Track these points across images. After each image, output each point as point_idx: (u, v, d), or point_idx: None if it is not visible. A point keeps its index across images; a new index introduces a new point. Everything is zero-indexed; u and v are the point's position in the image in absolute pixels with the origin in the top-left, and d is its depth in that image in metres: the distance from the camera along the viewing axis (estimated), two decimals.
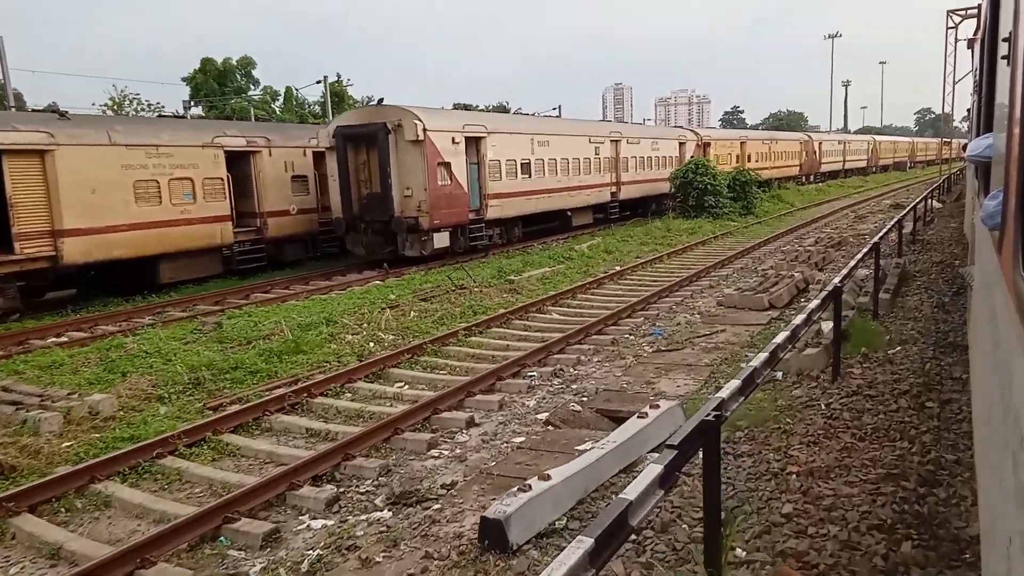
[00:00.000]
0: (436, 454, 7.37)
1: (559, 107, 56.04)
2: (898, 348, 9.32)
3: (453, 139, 19.87)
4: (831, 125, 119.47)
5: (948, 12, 36.17)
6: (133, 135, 16.85)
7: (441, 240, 19.75)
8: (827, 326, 10.42)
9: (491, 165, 21.71)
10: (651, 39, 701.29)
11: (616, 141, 29.63)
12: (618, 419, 8.03)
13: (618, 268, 19.13)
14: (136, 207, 16.70)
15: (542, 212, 25.09)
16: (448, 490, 6.33)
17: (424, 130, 18.74)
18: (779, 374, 8.55)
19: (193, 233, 17.96)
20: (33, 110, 20.64)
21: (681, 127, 38.50)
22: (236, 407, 8.75)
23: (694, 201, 31.08)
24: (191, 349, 11.24)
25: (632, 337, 12.03)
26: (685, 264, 19.99)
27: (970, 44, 20.05)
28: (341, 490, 6.60)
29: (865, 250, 10.80)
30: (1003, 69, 3.02)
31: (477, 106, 73.87)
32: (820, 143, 58.56)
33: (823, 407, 7.06)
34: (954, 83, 37.62)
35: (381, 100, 19.69)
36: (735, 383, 4.71)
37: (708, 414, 3.73)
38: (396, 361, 10.61)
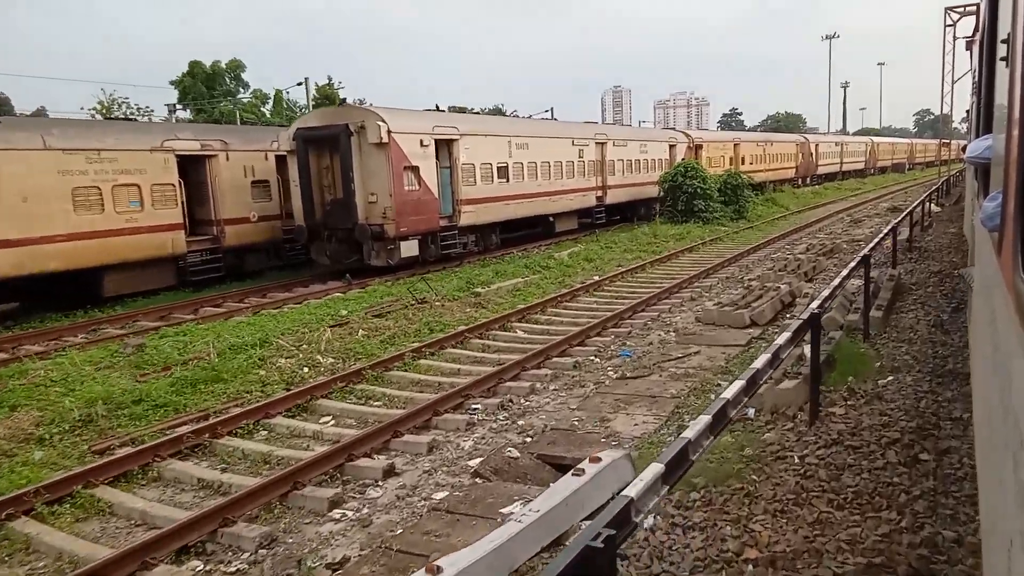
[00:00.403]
0: (338, 515, 6.19)
1: (551, 109, 54.88)
2: (890, 378, 8.16)
3: (421, 141, 18.72)
4: (829, 127, 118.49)
5: (946, 9, 35.03)
6: (71, 139, 15.69)
7: (409, 249, 18.59)
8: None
9: (464, 169, 20.55)
10: (651, 43, 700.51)
11: (602, 143, 28.49)
12: (561, 467, 6.88)
13: (597, 278, 17.98)
14: (75, 216, 15.54)
15: (522, 218, 23.94)
16: (333, 573, 5.16)
17: (388, 132, 17.58)
18: (751, 411, 7.40)
19: (140, 243, 16.79)
20: None
21: (673, 129, 37.39)
22: (126, 450, 7.59)
23: (683, 206, 29.94)
24: (101, 377, 10.06)
25: (597, 360, 10.87)
26: (668, 273, 18.83)
27: (968, 45, 19.81)
28: (207, 568, 5.43)
29: (853, 264, 9.64)
30: (1002, 70, 3.02)
31: (472, 109, 72.87)
32: (817, 145, 57.45)
33: (796, 460, 5.89)
34: (952, 82, 36.47)
35: (343, 100, 18.55)
36: (695, 429, 3.58)
37: (597, 537, 2.54)
38: (328, 390, 9.45)
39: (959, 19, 34.23)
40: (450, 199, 20.27)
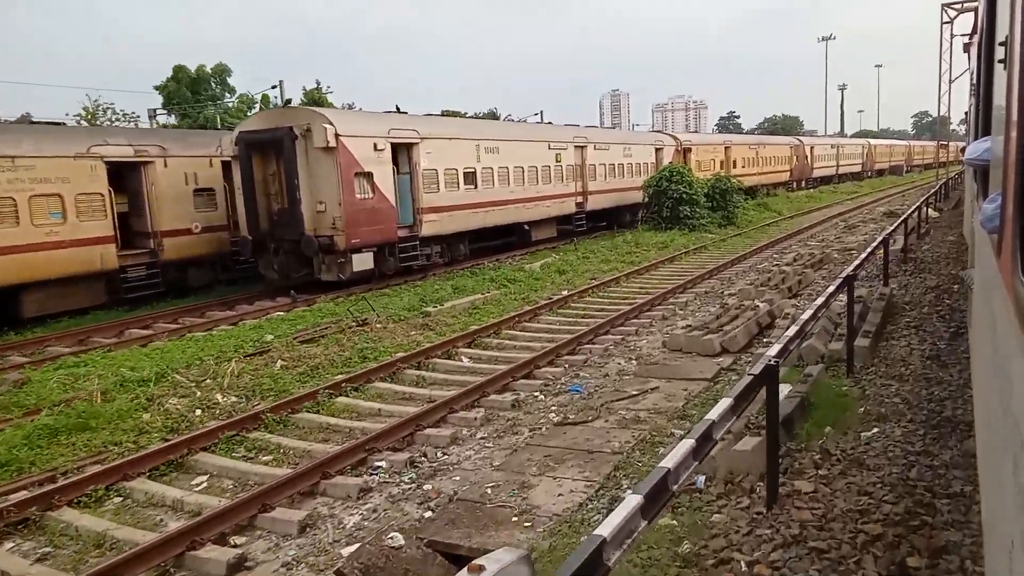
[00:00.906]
0: None
1: (540, 112, 53.63)
2: (875, 430, 6.71)
3: (375, 145, 17.28)
4: (826, 129, 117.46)
5: (943, 6, 33.66)
6: None
7: (362, 262, 17.14)
8: (786, 388, 7.86)
9: (426, 175, 19.11)
10: (650, 44, 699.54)
11: (581, 147, 27.06)
12: (456, 560, 5.43)
13: (565, 293, 16.54)
14: None
15: (493, 227, 22.49)
16: None
17: (336, 135, 16.15)
18: (701, 479, 5.95)
19: (63, 258, 15.34)
20: None
21: (660, 131, 35.97)
22: None
23: (668, 212, 28.51)
24: None
25: (542, 396, 9.42)
26: (644, 287, 17.39)
27: (966, 47, 19.29)
28: None
29: (832, 288, 8.19)
30: (1000, 73, 3.01)
31: (465, 113, 71.32)
32: (812, 148, 56.10)
33: (744, 567, 4.44)
34: (950, 81, 35.06)
35: (288, 101, 17.14)
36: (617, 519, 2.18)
37: None
38: (213, 440, 8.00)
39: (956, 15, 32.87)
40: (410, 207, 18.82)
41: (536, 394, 9.50)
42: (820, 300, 7.72)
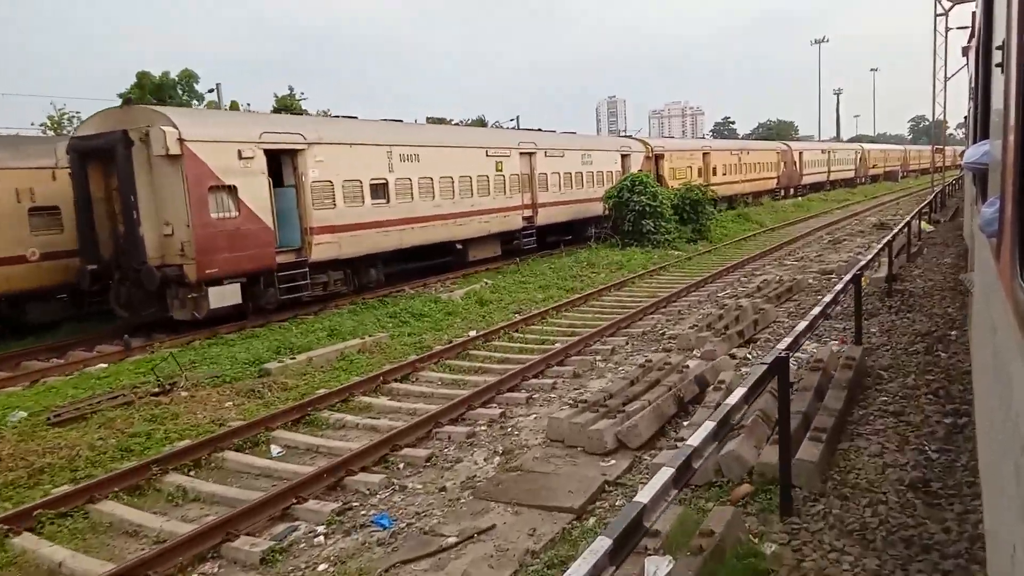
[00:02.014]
0: None
1: (517, 118, 50.40)
2: None
3: (240, 153, 14.08)
4: (820, 134, 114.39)
5: None
6: None
7: (223, 296, 13.92)
8: (663, 567, 4.65)
9: (317, 188, 15.89)
10: (649, 52, 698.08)
11: (529, 153, 23.87)
12: None
13: (472, 334, 13.34)
14: None
15: (415, 247, 19.30)
16: None
17: (180, 140, 12.95)
18: None
19: None
20: None
21: (629, 136, 32.79)
22: None
23: (630, 226, 25.33)
24: None
25: (324, 534, 6.19)
26: (573, 325, 14.18)
27: (965, 51, 17.72)
28: None
29: (755, 378, 4.96)
30: (998, 76, 2.96)
31: (451, 120, 67.99)
32: (801, 153, 52.97)
33: None
34: (945, 79, 31.97)
35: (128, 100, 13.97)
36: None
37: None
38: None
39: (951, 7, 29.81)
40: (296, 227, 15.61)
41: (318, 529, 6.26)
42: (735, 397, 4.51)
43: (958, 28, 29.44)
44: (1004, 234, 2.15)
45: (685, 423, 7.74)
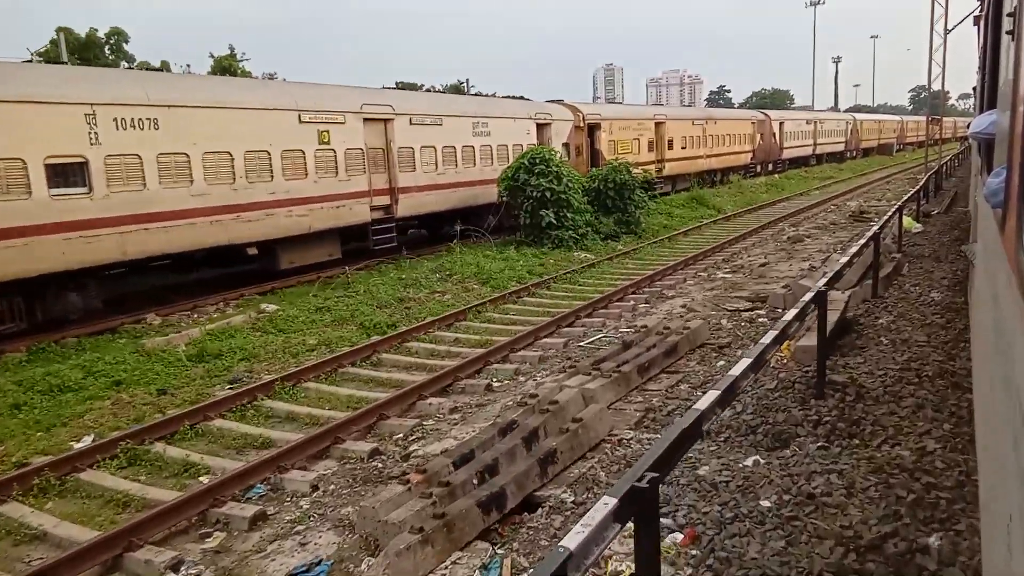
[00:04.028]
0: None
1: (467, 80, 44.36)
2: None
3: None
4: (814, 103, 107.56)
5: None
6: None
7: None
8: None
9: None
10: (648, 22, 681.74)
11: (381, 120, 17.67)
12: None
13: (76, 447, 7.42)
14: None
15: (173, 253, 13.30)
16: None
17: None
18: None
19: None
20: None
21: (555, 101, 26.38)
22: None
23: (528, 219, 19.29)
24: None
25: None
26: (266, 437, 8.25)
27: (976, 21, 15.90)
28: None
29: None
30: (1007, 44, 3.00)
31: (433, 87, 61.11)
32: (781, 123, 46.61)
33: None
34: (945, 30, 25.61)
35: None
36: None
37: None
38: None
39: None
40: None
41: None
42: None
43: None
44: (1010, 204, 2.18)
45: None
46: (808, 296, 6.15)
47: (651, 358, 8.52)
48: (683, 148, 34.11)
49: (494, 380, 9.13)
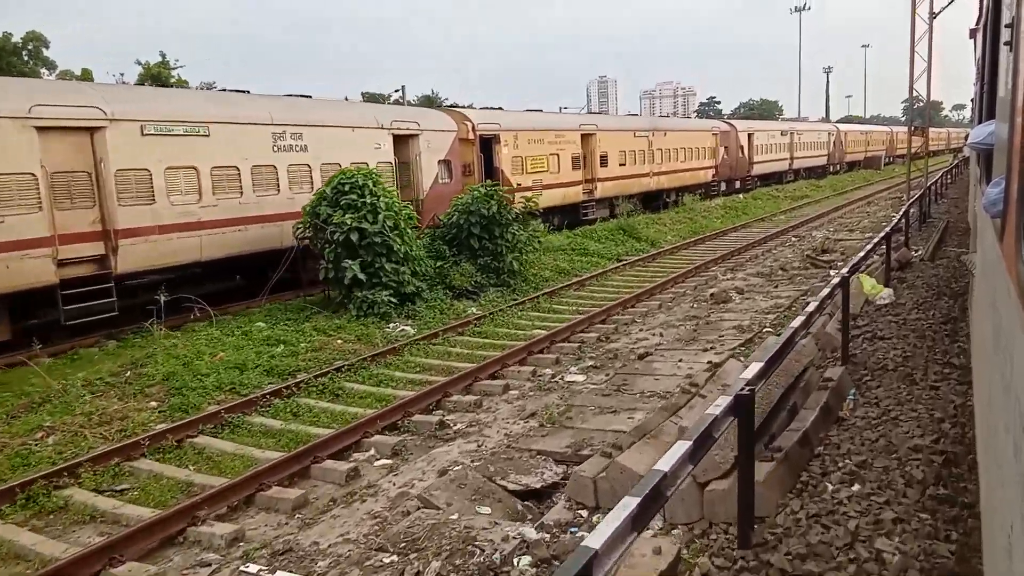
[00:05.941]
0: None
1: (403, 88, 39.11)
2: None
3: None
4: (799, 113, 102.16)
5: None
6: None
7: None
8: None
9: None
10: (641, 32, 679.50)
11: (90, 130, 11.71)
12: None
13: None
14: None
15: None
16: None
17: None
18: None
19: None
20: None
21: (453, 108, 20.36)
22: None
23: (331, 271, 13.31)
24: None
25: None
26: None
27: (972, 33, 14.77)
28: None
29: None
30: (1005, 55, 3.01)
31: (388, 97, 55.60)
32: (750, 135, 40.78)
33: None
34: (931, 15, 19.80)
35: None
36: None
37: None
38: None
39: None
40: None
41: None
42: None
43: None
44: (1009, 214, 2.19)
45: None
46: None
47: None
48: (621, 165, 28.22)
49: None
